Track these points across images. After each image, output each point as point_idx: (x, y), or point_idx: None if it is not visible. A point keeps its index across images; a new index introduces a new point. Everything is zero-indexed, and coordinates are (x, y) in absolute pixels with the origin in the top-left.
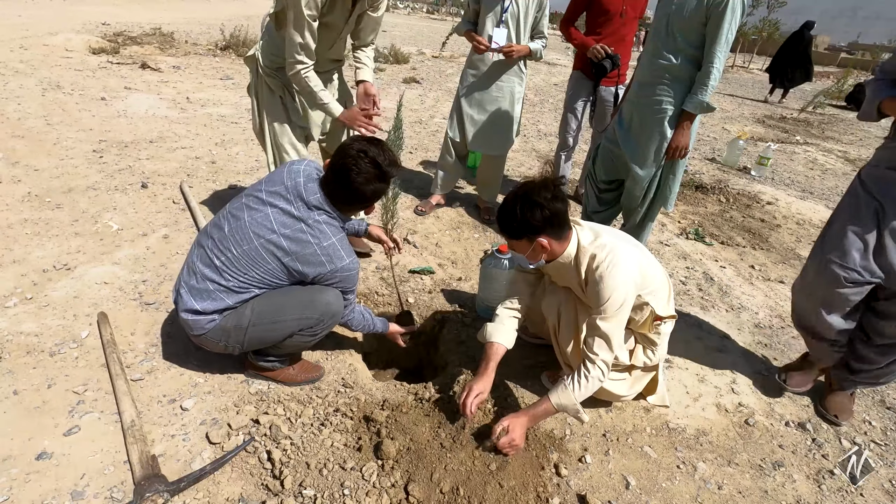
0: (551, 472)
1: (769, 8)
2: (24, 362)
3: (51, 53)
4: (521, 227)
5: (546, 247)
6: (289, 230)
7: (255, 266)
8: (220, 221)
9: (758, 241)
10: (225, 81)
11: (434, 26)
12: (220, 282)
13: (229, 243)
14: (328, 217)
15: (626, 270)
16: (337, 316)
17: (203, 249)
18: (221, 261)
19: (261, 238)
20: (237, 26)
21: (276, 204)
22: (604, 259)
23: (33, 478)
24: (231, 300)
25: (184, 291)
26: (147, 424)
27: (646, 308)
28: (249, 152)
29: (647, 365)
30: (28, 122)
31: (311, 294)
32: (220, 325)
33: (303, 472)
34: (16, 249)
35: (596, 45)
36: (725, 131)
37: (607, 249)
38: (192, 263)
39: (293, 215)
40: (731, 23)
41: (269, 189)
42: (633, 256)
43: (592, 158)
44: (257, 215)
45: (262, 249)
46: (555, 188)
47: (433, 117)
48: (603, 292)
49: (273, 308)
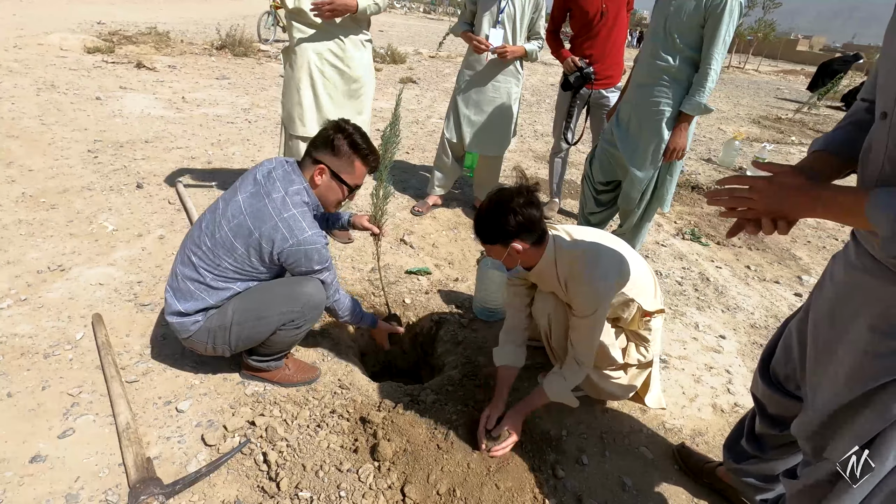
0: (548, 473)
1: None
2: (18, 364)
3: (46, 53)
4: (495, 232)
5: (520, 252)
6: (253, 208)
7: (227, 254)
8: (200, 221)
9: (753, 241)
10: (221, 81)
11: (431, 26)
12: (198, 278)
13: (204, 237)
14: (293, 192)
15: (603, 271)
16: (320, 307)
17: (182, 249)
18: (198, 255)
19: (230, 223)
20: (233, 26)
21: (246, 190)
22: (581, 261)
23: (27, 481)
24: (212, 298)
25: (168, 295)
26: (142, 427)
27: (632, 305)
28: (246, 152)
29: (641, 362)
30: (23, 121)
31: (292, 287)
32: (204, 326)
33: (299, 474)
34: (10, 250)
35: (568, 59)
36: (721, 132)
37: (585, 251)
38: (175, 266)
39: (258, 195)
40: (728, 24)
41: (242, 181)
42: (612, 256)
43: (589, 160)
44: (231, 205)
45: (230, 234)
46: (528, 194)
47: (430, 117)
48: (581, 293)
49: (254, 304)
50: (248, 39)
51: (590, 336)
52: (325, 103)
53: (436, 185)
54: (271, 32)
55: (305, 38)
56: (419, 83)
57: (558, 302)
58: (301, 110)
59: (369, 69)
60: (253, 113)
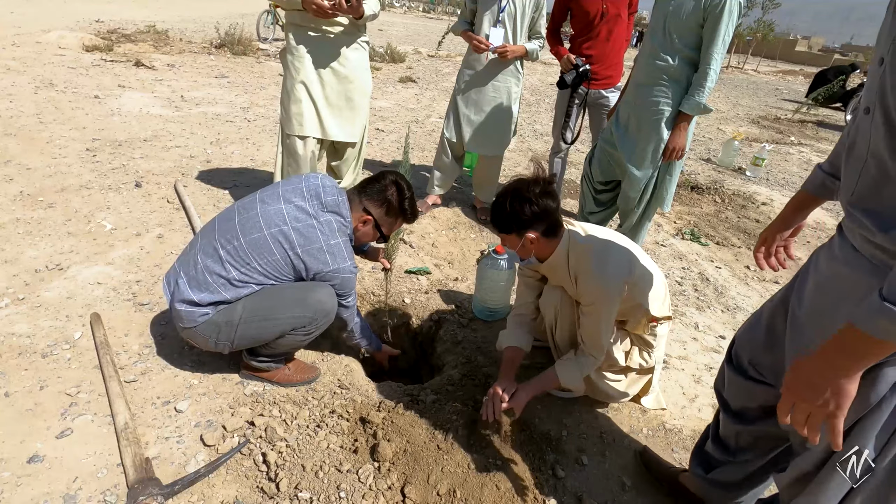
0: (548, 473)
1: (763, 9)
2: (16, 364)
3: (44, 51)
4: (511, 220)
5: (535, 242)
6: (300, 224)
7: (259, 256)
8: (230, 214)
9: (753, 241)
10: (220, 80)
11: (430, 25)
12: (222, 273)
13: (237, 232)
14: (339, 221)
15: (613, 264)
16: (330, 315)
17: (207, 240)
18: (227, 250)
19: (271, 229)
20: (232, 24)
21: (291, 200)
22: (592, 255)
23: (25, 481)
24: (229, 294)
25: (182, 281)
26: (141, 427)
27: (640, 308)
28: (244, 151)
29: (643, 367)
30: (20, 120)
31: (304, 292)
32: (211, 319)
33: (298, 475)
34: (8, 249)
35: (565, 57)
36: (721, 132)
37: (597, 246)
38: (194, 254)
39: (307, 212)
40: (727, 24)
41: (285, 188)
42: (621, 253)
43: (589, 159)
44: (270, 209)
45: (270, 239)
46: (545, 184)
47: (429, 116)
48: (590, 285)
49: (265, 305)
50: (248, 38)
51: (599, 331)
52: (321, 104)
53: (435, 184)
54: (270, 31)
55: (303, 39)
56: (418, 82)
57: (566, 296)
58: (298, 110)
59: (366, 70)
60: (252, 112)
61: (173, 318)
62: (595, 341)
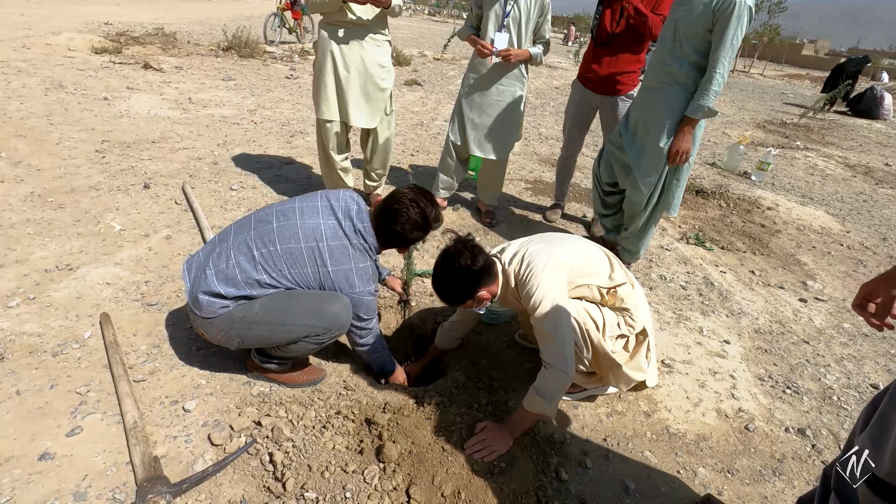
0: (552, 476)
1: (769, 13)
2: (26, 363)
3: (53, 53)
4: (461, 295)
5: (487, 295)
6: (336, 243)
7: (292, 266)
8: (268, 217)
9: (758, 246)
10: (227, 82)
11: (435, 28)
12: (253, 274)
13: (274, 237)
14: (367, 246)
15: (546, 273)
16: (345, 327)
17: (242, 237)
18: (262, 253)
19: (309, 242)
20: (239, 27)
21: (329, 217)
22: (523, 270)
23: (35, 478)
24: (255, 292)
25: (210, 272)
26: (149, 426)
27: (586, 287)
28: (251, 153)
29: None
30: (30, 121)
31: (322, 302)
32: (230, 312)
33: (305, 475)
34: (18, 249)
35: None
36: (726, 136)
37: (524, 260)
38: (226, 248)
39: (342, 232)
40: (736, 29)
41: (323, 203)
42: (552, 256)
43: (598, 160)
44: (310, 222)
45: (305, 253)
46: (469, 248)
47: (434, 119)
48: (529, 297)
49: (281, 309)
50: (254, 41)
51: (553, 337)
52: (346, 93)
53: (440, 187)
54: (277, 34)
55: (333, 33)
56: (424, 85)
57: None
58: (325, 97)
59: (388, 66)
60: (258, 114)
61: (190, 306)
62: (552, 350)
